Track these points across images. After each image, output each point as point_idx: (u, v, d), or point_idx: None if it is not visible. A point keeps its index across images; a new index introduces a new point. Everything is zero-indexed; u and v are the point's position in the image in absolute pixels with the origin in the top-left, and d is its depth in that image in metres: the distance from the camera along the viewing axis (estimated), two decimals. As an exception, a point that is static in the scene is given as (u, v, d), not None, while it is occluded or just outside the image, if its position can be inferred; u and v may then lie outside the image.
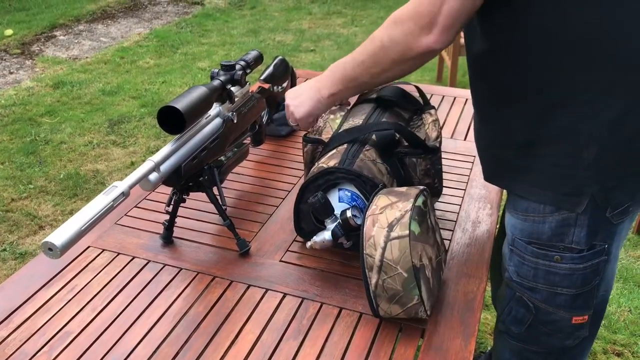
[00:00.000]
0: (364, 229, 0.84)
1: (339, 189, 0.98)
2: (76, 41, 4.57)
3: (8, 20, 4.78)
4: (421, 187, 0.91)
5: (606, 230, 0.91)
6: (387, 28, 0.91)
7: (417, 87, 1.24)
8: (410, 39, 0.88)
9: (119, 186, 0.79)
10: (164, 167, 0.90)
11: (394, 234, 0.82)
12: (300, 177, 1.28)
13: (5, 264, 2.17)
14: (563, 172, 0.88)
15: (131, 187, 0.81)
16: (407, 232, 0.82)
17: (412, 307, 0.84)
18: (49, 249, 0.68)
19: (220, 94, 1.06)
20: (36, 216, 2.44)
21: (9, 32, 4.55)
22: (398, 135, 1.04)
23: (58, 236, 0.69)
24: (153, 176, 0.87)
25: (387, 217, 0.83)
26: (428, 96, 1.24)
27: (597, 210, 0.89)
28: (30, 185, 2.64)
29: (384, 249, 0.82)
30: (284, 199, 1.21)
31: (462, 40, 3.31)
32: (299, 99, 1.10)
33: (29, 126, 3.17)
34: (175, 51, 4.32)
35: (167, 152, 0.91)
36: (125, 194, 0.79)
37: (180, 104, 0.89)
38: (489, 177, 1.02)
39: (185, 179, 0.98)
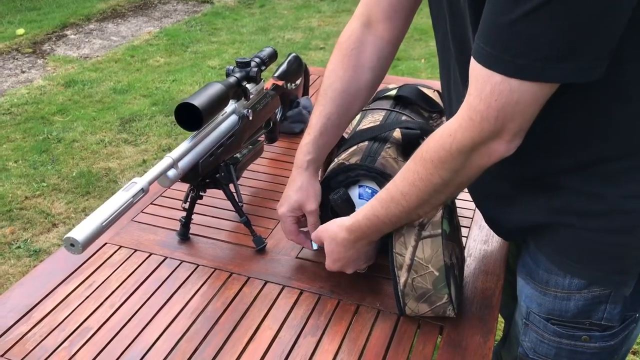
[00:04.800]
0: None
1: (359, 186, 0.98)
2: (87, 40, 4.60)
3: (19, 19, 4.82)
4: None
5: (639, 298, 0.81)
6: (444, 162, 0.72)
7: (438, 92, 1.23)
8: (479, 161, 0.71)
9: (138, 182, 0.79)
10: (182, 164, 0.90)
11: (425, 233, 0.82)
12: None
13: (20, 261, 2.19)
14: (612, 248, 0.76)
15: (150, 183, 0.82)
16: (439, 230, 0.81)
17: (441, 305, 0.83)
18: (71, 244, 0.69)
19: (236, 91, 1.06)
20: (49, 214, 2.46)
21: (20, 31, 4.59)
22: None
23: (80, 232, 0.69)
24: (172, 172, 0.88)
25: None
26: (442, 93, 1.24)
27: (638, 284, 0.78)
28: (44, 183, 2.66)
29: (415, 247, 0.82)
30: (299, 196, 1.21)
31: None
32: (359, 261, 0.92)
33: (41, 125, 3.20)
34: (185, 50, 4.34)
35: (185, 148, 0.92)
36: (144, 190, 0.80)
37: (198, 101, 0.89)
38: (501, 228, 0.90)
39: (202, 176, 0.98)
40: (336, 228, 0.89)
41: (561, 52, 0.59)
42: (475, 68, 0.65)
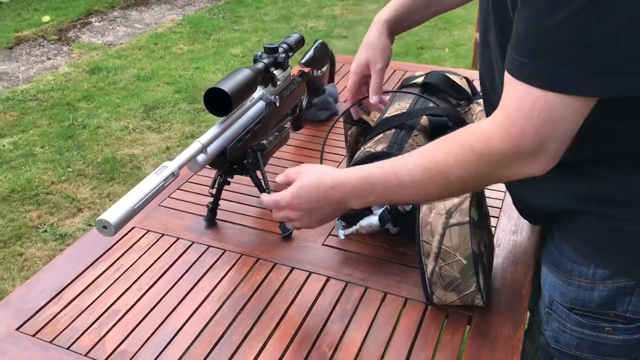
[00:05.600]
0: (420, 215, 0.83)
1: (385, 174, 0.97)
2: (111, 27, 4.63)
3: (45, 7, 4.87)
4: None
5: None
6: (468, 163, 0.67)
7: (466, 79, 1.21)
8: (507, 173, 0.66)
9: (169, 166, 0.79)
10: (211, 149, 0.90)
11: (453, 221, 0.80)
12: (340, 162, 1.27)
13: (47, 245, 2.23)
14: (637, 238, 0.74)
15: (180, 167, 0.82)
16: (467, 218, 0.80)
17: (469, 294, 0.82)
18: (104, 226, 0.69)
19: (264, 77, 1.05)
20: (75, 199, 2.49)
21: (46, 18, 4.64)
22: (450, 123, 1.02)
23: (112, 214, 0.69)
24: (201, 157, 0.88)
25: (445, 204, 0.82)
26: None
27: None
28: (69, 169, 2.70)
29: (442, 235, 0.81)
30: (324, 183, 1.20)
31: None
32: (317, 214, 0.80)
33: (66, 111, 3.24)
34: (208, 37, 4.34)
35: (213, 134, 0.91)
36: (175, 174, 0.80)
37: (227, 86, 0.89)
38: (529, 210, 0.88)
39: (230, 161, 0.98)
40: (324, 173, 0.78)
41: (608, 62, 0.55)
42: (511, 82, 0.61)
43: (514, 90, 0.62)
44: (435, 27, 4.37)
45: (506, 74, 0.63)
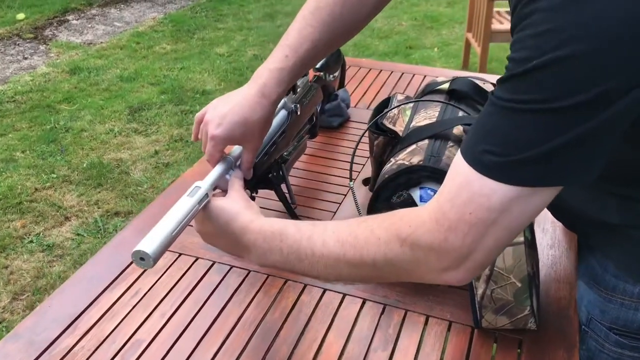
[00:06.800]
0: None
1: (420, 188, 0.92)
2: (90, 26, 4.49)
3: (19, 3, 4.70)
4: None
5: None
6: (389, 248, 0.59)
7: (493, 84, 1.16)
8: (424, 271, 0.60)
9: (202, 186, 0.73)
10: (239, 164, 0.84)
11: None
12: (360, 172, 1.22)
13: (33, 256, 2.12)
14: None
15: (213, 185, 0.75)
16: (522, 239, 0.75)
17: (522, 318, 0.78)
18: (141, 258, 0.62)
19: (286, 85, 0.99)
20: (61, 206, 2.38)
21: (20, 15, 4.47)
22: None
23: (150, 244, 0.63)
24: (230, 174, 0.81)
25: None
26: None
27: None
28: (53, 175, 2.58)
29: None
30: (345, 195, 1.15)
31: (493, 26, 3.22)
32: (212, 239, 0.78)
33: (47, 113, 3.11)
34: (191, 36, 4.24)
35: (241, 148, 0.85)
36: (208, 195, 0.73)
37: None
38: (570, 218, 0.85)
39: (257, 176, 0.91)
40: (239, 211, 0.71)
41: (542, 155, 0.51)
42: (458, 163, 0.55)
43: (456, 173, 0.56)
44: (422, 26, 4.35)
45: (458, 152, 0.56)
